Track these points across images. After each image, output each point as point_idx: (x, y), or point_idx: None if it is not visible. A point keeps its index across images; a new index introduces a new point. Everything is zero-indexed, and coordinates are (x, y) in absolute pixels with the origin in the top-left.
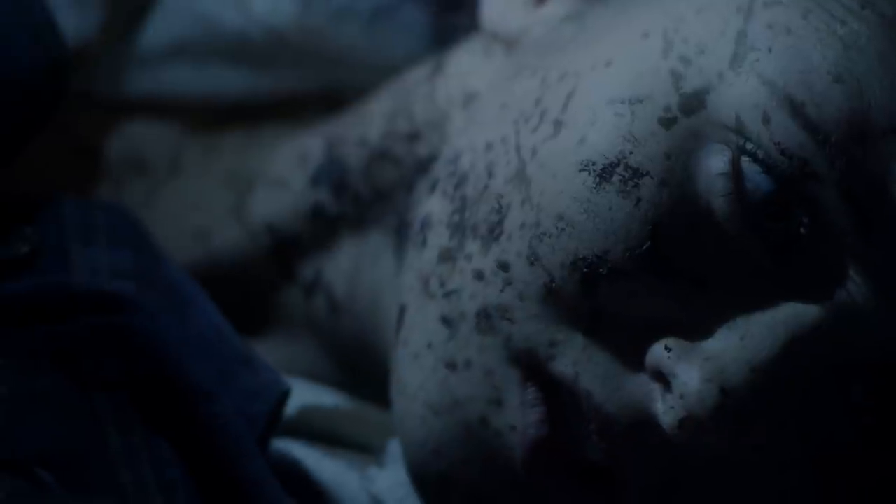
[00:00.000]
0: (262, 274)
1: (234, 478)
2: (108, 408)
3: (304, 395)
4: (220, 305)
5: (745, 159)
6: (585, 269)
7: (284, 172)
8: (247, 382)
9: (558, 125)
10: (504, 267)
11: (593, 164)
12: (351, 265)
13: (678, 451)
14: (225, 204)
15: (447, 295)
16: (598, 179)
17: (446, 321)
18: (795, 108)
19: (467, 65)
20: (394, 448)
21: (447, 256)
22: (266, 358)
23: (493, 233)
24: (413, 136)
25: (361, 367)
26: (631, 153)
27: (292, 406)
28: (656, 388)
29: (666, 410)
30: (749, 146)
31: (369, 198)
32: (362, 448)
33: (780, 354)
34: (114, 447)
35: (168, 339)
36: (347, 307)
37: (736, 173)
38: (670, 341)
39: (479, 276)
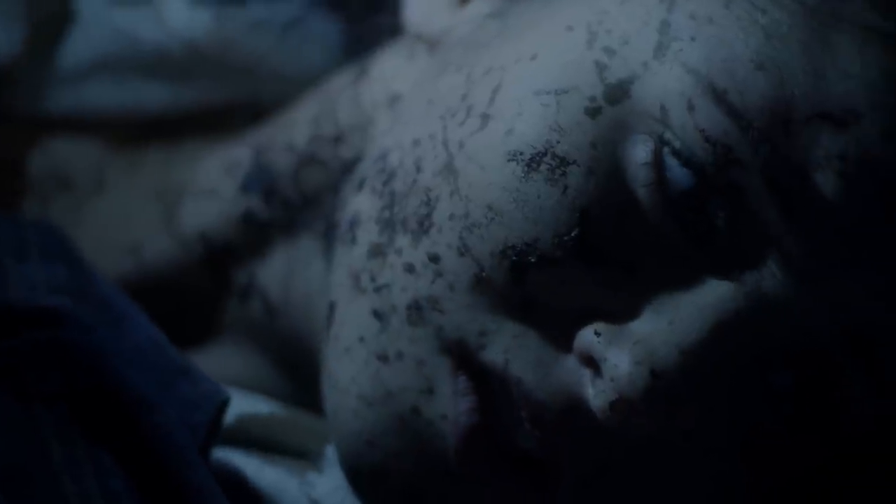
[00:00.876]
0: (196, 283)
1: (178, 487)
2: (50, 421)
3: (241, 404)
4: (155, 317)
5: (667, 150)
6: (515, 258)
7: (213, 182)
8: (185, 393)
9: (485, 118)
10: (434, 259)
11: (521, 154)
12: (284, 269)
13: (609, 436)
14: (154, 217)
15: (378, 289)
16: (525, 169)
17: (377, 315)
18: (719, 96)
19: (392, 68)
20: (332, 453)
21: (377, 251)
22: (204, 367)
23: (423, 226)
24: (338, 139)
25: (300, 371)
26: (558, 142)
27: (230, 415)
28: (587, 373)
29: (597, 394)
30: (669, 137)
31: (299, 202)
32: (300, 454)
33: (707, 338)
34: (57, 460)
35: (107, 352)
36: (283, 310)
37: (658, 164)
38: (600, 326)
39: (410, 269)
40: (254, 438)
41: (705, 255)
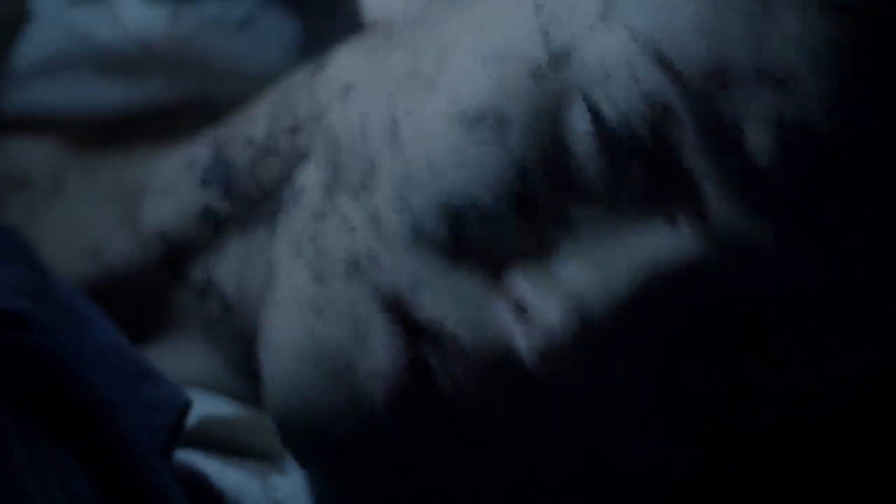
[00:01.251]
0: (156, 282)
1: (140, 489)
2: (13, 422)
3: (204, 406)
4: (116, 318)
5: (604, 114)
6: (453, 214)
7: (172, 179)
8: (147, 395)
9: (431, 85)
10: (374, 217)
11: (464, 115)
12: (239, 264)
13: (541, 388)
14: (114, 217)
15: (318, 250)
16: (467, 128)
17: (316, 275)
18: (660, 58)
19: (348, 63)
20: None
21: (319, 214)
22: (165, 368)
23: (365, 185)
24: (295, 129)
25: (257, 370)
26: (501, 105)
27: (192, 417)
28: (519, 323)
29: (528, 343)
30: (608, 101)
31: (257, 196)
32: (263, 456)
33: (638, 289)
34: (20, 461)
35: (69, 354)
36: (238, 306)
37: (596, 127)
38: (534, 277)
39: (350, 227)
40: (216, 440)
41: (640, 211)
